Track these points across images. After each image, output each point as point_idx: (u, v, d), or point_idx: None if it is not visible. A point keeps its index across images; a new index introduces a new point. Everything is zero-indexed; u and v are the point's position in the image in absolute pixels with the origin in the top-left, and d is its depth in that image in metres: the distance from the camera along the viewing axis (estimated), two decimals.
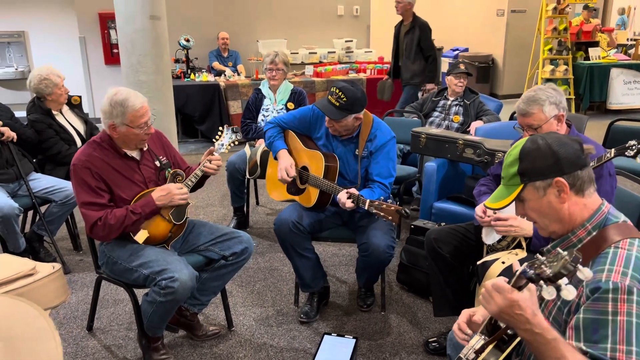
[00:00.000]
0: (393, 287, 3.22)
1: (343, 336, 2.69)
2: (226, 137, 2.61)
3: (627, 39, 10.68)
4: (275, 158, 2.93)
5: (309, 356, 2.57)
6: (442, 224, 3.04)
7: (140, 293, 2.49)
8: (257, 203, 4.66)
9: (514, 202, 1.46)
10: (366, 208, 2.45)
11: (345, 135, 2.77)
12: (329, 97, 2.62)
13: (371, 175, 2.74)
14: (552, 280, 1.15)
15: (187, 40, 7.00)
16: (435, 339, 2.64)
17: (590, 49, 8.50)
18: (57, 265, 2.19)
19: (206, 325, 2.74)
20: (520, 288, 1.21)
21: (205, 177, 2.55)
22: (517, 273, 1.24)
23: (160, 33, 4.96)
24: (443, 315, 2.62)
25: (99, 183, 2.29)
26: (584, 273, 1.13)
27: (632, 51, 8.91)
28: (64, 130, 3.73)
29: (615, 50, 8.94)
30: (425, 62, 5.67)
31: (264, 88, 4.14)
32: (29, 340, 0.71)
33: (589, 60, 8.44)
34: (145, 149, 2.46)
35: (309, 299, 2.94)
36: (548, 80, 8.56)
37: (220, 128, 2.65)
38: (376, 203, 2.43)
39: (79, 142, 3.80)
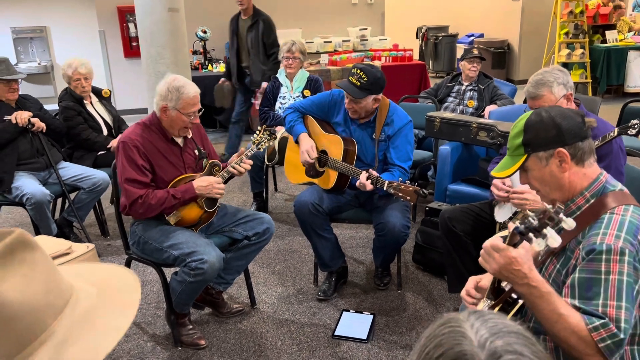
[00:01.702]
0: (409, 267, 3.32)
1: (361, 312, 2.81)
2: (264, 137, 2.77)
3: None
4: (296, 141, 3.03)
5: (329, 331, 2.69)
6: (457, 205, 3.12)
7: (168, 272, 2.62)
8: (276, 189, 4.79)
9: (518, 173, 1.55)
10: (385, 189, 2.55)
11: (363, 119, 2.86)
12: (350, 77, 2.72)
13: (391, 159, 2.83)
14: (538, 230, 1.27)
15: (204, 32, 7.12)
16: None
17: (607, 32, 8.42)
18: (91, 245, 2.33)
19: (230, 303, 2.88)
20: (515, 245, 1.32)
21: (231, 176, 2.68)
22: (511, 231, 1.34)
23: (178, 25, 5.08)
24: (458, 291, 2.71)
25: (144, 162, 2.43)
26: (567, 222, 1.25)
27: None
28: (92, 119, 3.89)
29: (633, 33, 8.83)
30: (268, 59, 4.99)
31: (281, 76, 4.25)
32: (118, 291, 0.84)
33: (606, 43, 8.37)
34: (189, 136, 2.60)
35: (327, 278, 3.06)
36: (564, 64, 8.51)
37: (260, 128, 2.79)
38: (395, 184, 2.52)
39: (105, 131, 3.96)
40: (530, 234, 1.30)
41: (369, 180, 2.58)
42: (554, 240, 1.27)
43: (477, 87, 4.52)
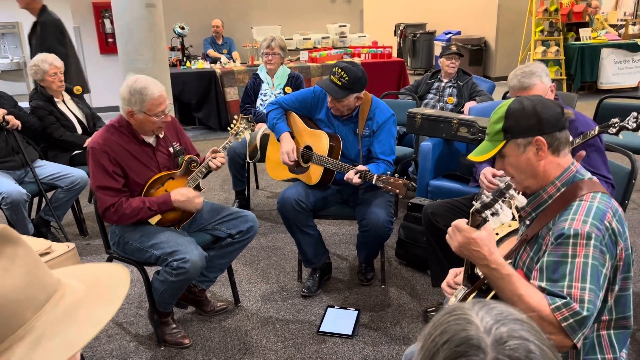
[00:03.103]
0: (392, 263, 3.34)
1: (346, 308, 2.82)
2: (241, 127, 2.71)
3: (618, 19, 10.76)
4: (278, 140, 3.02)
5: (314, 327, 2.69)
6: (439, 200, 3.15)
7: (150, 270, 2.59)
8: (257, 187, 4.76)
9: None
10: (374, 182, 2.56)
11: (345, 115, 2.86)
12: (331, 76, 2.71)
13: (375, 153, 2.84)
14: (490, 205, 1.35)
15: (182, 28, 7.03)
16: (433, 308, 2.76)
17: (580, 30, 8.59)
18: (72, 245, 2.28)
19: (214, 301, 2.86)
20: (478, 226, 1.36)
21: (209, 171, 2.64)
22: (471, 211, 1.41)
23: (156, 21, 5.01)
24: (441, 285, 2.74)
25: (115, 168, 2.36)
26: (518, 199, 1.36)
27: (622, 31, 9.00)
28: (65, 118, 3.81)
29: (606, 30, 9.03)
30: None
31: (262, 73, 4.22)
32: (107, 286, 0.83)
33: (580, 40, 8.53)
34: (162, 136, 2.54)
35: (311, 275, 3.06)
36: (540, 61, 8.62)
37: (236, 117, 2.75)
38: (384, 177, 2.54)
39: (79, 130, 3.88)
40: (487, 212, 1.38)
41: (358, 175, 2.59)
42: (505, 215, 1.36)
43: (456, 83, 4.56)
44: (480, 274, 1.59)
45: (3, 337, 0.70)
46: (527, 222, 1.55)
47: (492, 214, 1.35)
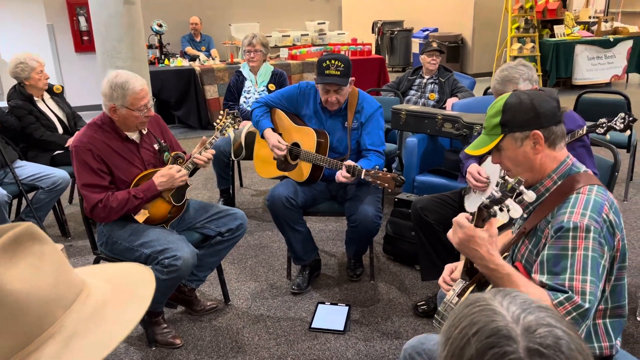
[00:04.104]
0: (380, 258, 3.36)
1: (336, 304, 2.83)
2: (227, 122, 2.69)
3: (589, 17, 11.00)
4: (262, 137, 3.01)
5: (305, 324, 2.69)
6: (428, 195, 3.18)
7: None
8: (241, 185, 4.74)
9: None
10: (362, 177, 2.57)
11: (334, 109, 2.87)
12: (327, 71, 2.70)
13: (365, 145, 2.85)
14: (500, 201, 1.34)
15: (160, 26, 6.94)
16: (423, 302, 2.79)
17: (555, 27, 8.75)
18: (60, 246, 2.25)
19: (204, 301, 2.83)
20: (483, 221, 1.37)
21: (196, 167, 2.60)
22: (479, 207, 1.41)
23: (135, 18, 4.94)
24: (430, 279, 2.77)
25: (100, 165, 2.33)
26: (528, 194, 1.34)
27: (594, 28, 9.20)
28: (45, 117, 3.73)
29: (579, 27, 9.22)
30: None
31: (245, 70, 4.20)
32: (133, 285, 0.82)
33: (555, 37, 8.70)
34: (145, 132, 2.51)
35: (300, 272, 3.06)
36: (516, 57, 8.76)
37: (222, 112, 2.73)
38: (372, 172, 2.54)
39: (60, 129, 3.81)
40: (495, 207, 1.37)
41: (347, 170, 2.60)
42: (515, 211, 1.35)
43: (437, 80, 4.61)
44: (478, 268, 1.62)
45: (35, 336, 0.69)
46: (525, 215, 1.58)
47: (501, 210, 1.35)
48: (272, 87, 4.12)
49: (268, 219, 4.01)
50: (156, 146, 2.54)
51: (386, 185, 2.50)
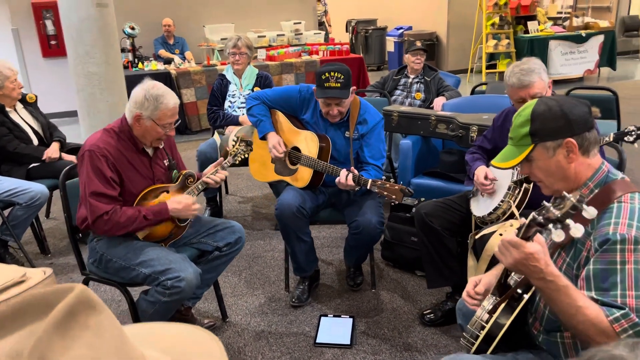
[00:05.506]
0: (379, 265, 3.27)
1: (339, 316, 2.72)
2: (240, 149, 2.60)
3: (557, 12, 11.17)
4: (262, 138, 2.88)
5: (310, 339, 2.58)
6: (422, 199, 3.10)
7: (133, 291, 2.40)
8: (227, 192, 4.59)
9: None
10: (369, 187, 2.47)
11: (335, 121, 2.77)
12: (326, 84, 2.59)
13: (364, 158, 2.75)
14: (561, 220, 1.22)
15: (132, 28, 6.72)
16: (430, 310, 2.71)
17: (529, 23, 8.84)
18: (49, 270, 2.06)
19: (200, 319, 2.69)
20: (529, 238, 1.27)
21: (206, 187, 2.50)
22: (526, 222, 1.30)
23: (108, 21, 4.73)
24: (437, 286, 2.69)
25: (113, 174, 2.21)
26: (589, 212, 1.21)
27: (566, 23, 9.33)
28: (19, 129, 3.52)
29: (552, 23, 9.33)
30: None
31: (229, 74, 4.05)
32: (197, 358, 0.69)
33: (529, 33, 8.78)
34: (160, 147, 2.41)
35: (299, 283, 2.94)
36: (492, 54, 8.83)
37: (235, 138, 2.61)
38: (379, 182, 2.45)
39: (35, 140, 3.60)
40: (550, 225, 1.25)
41: (350, 176, 2.49)
42: (577, 230, 1.22)
43: (423, 79, 4.55)
44: (511, 283, 1.53)
45: None
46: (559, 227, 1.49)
47: (558, 228, 1.23)
48: (257, 90, 3.98)
49: (258, 227, 3.88)
50: (166, 162, 2.43)
51: (393, 197, 2.41)
